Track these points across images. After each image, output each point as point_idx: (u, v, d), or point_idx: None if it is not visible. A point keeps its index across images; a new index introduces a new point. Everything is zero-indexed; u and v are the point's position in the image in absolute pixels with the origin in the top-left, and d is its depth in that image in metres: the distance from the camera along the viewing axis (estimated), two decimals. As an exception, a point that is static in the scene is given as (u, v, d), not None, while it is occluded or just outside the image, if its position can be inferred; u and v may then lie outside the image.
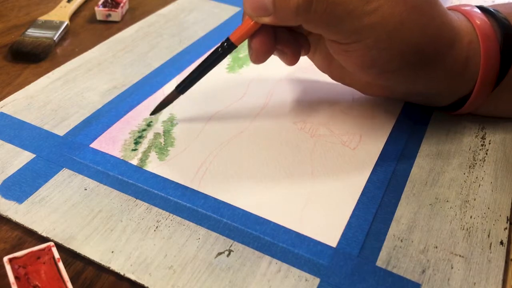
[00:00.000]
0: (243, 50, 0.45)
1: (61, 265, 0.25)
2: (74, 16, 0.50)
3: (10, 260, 0.24)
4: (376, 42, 0.29)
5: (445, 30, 0.31)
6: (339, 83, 0.37)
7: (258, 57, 0.32)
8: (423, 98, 0.36)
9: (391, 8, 0.28)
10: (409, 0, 0.29)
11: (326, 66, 0.37)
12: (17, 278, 0.24)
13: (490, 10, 0.34)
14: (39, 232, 0.27)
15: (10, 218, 0.28)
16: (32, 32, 0.45)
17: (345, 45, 0.30)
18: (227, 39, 0.32)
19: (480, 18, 0.33)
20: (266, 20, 0.30)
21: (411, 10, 0.29)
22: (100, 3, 0.50)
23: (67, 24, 0.47)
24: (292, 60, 0.34)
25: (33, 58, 0.42)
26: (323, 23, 0.29)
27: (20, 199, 0.29)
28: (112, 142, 0.33)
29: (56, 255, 0.25)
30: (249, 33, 0.31)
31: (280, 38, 0.33)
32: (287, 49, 0.33)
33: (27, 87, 0.38)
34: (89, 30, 0.48)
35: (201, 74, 0.34)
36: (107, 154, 0.32)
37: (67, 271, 0.25)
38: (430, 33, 0.30)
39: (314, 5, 0.28)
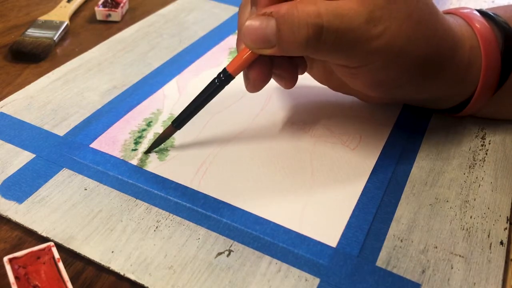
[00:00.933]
0: (243, 50, 0.45)
1: (61, 265, 0.25)
2: (74, 16, 0.50)
3: (10, 260, 0.24)
4: (384, 64, 0.28)
5: (448, 38, 0.30)
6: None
7: (256, 87, 0.31)
8: (425, 102, 0.36)
9: (397, 28, 0.27)
10: (413, 15, 0.28)
11: (324, 79, 0.36)
12: (17, 278, 0.24)
13: (490, 14, 0.33)
14: (39, 232, 0.27)
15: (10, 218, 0.28)
16: (32, 32, 0.45)
17: (353, 69, 0.30)
18: (224, 70, 0.30)
19: (480, 21, 0.32)
20: (268, 51, 0.28)
21: (416, 26, 0.28)
22: (100, 3, 0.50)
23: (67, 24, 0.47)
24: (290, 83, 0.32)
25: (33, 58, 0.42)
26: (332, 51, 0.28)
27: (20, 199, 0.29)
28: (112, 142, 0.33)
29: (56, 255, 0.25)
30: (247, 63, 0.30)
31: (276, 62, 0.31)
32: (285, 73, 0.32)
33: (27, 87, 0.38)
34: (89, 30, 0.48)
35: (198, 108, 0.31)
36: (107, 154, 0.32)
37: (67, 271, 0.25)
38: (435, 43, 0.29)
39: (324, 36, 0.26)
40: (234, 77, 0.30)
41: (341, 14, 0.26)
